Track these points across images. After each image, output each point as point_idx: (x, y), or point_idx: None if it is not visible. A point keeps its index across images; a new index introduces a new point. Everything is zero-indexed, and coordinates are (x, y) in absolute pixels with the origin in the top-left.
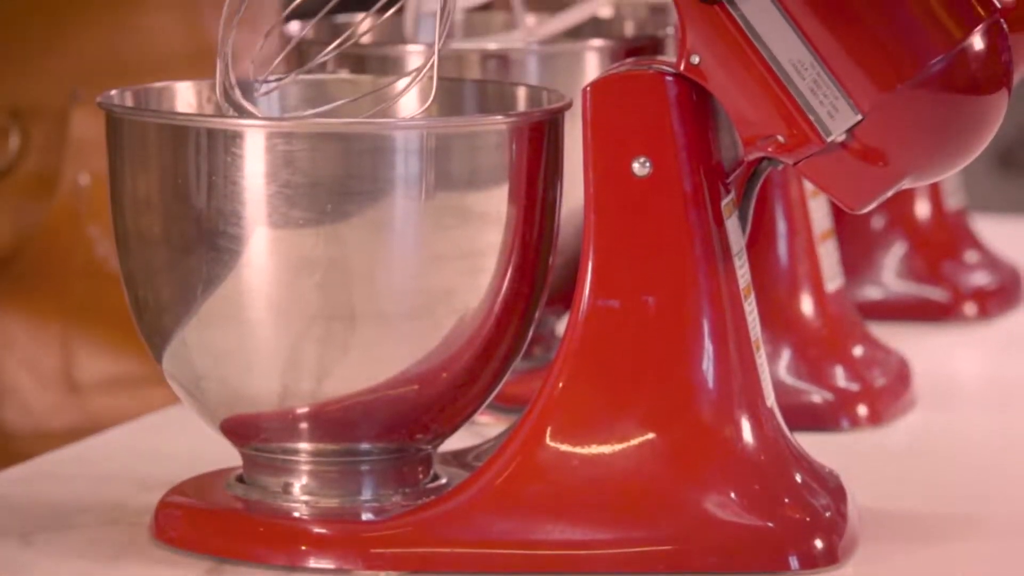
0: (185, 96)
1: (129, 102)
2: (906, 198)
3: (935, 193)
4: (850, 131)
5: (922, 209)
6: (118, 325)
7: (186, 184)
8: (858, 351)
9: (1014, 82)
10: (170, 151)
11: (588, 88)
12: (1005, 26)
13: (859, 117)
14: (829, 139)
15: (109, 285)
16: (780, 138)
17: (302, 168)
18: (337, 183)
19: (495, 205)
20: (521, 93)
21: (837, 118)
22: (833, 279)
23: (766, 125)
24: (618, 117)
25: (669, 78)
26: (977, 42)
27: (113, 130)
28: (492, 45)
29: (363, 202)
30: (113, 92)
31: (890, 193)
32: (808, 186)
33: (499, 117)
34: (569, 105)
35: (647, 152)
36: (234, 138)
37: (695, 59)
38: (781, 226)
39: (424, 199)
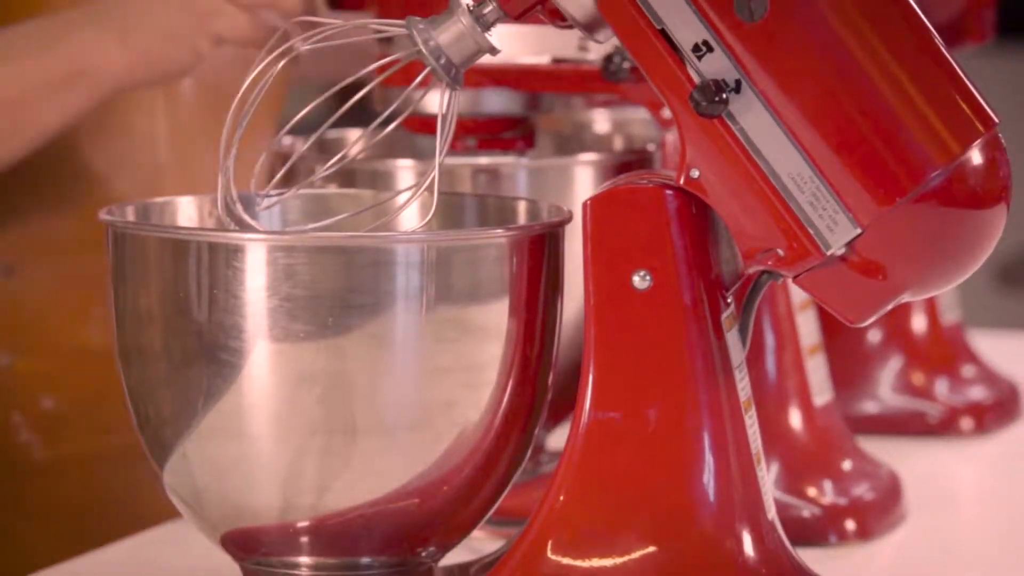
0: (186, 211)
1: (131, 217)
2: (902, 312)
3: (931, 308)
4: (850, 244)
5: (919, 323)
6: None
7: (187, 298)
8: (847, 465)
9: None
10: (171, 265)
11: (588, 202)
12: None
13: (859, 231)
14: (829, 252)
15: (35, 476)
16: (780, 251)
17: (303, 281)
18: (338, 296)
19: (496, 318)
20: (521, 207)
21: (837, 232)
22: (822, 393)
23: (766, 239)
24: (618, 231)
25: (669, 192)
26: (976, 156)
27: (115, 245)
28: (483, 159)
29: (364, 315)
30: (114, 207)
31: (890, 306)
32: (796, 300)
33: (500, 231)
34: (569, 219)
35: (647, 265)
36: (235, 252)
37: (695, 173)
38: (769, 339)
39: (425, 312)
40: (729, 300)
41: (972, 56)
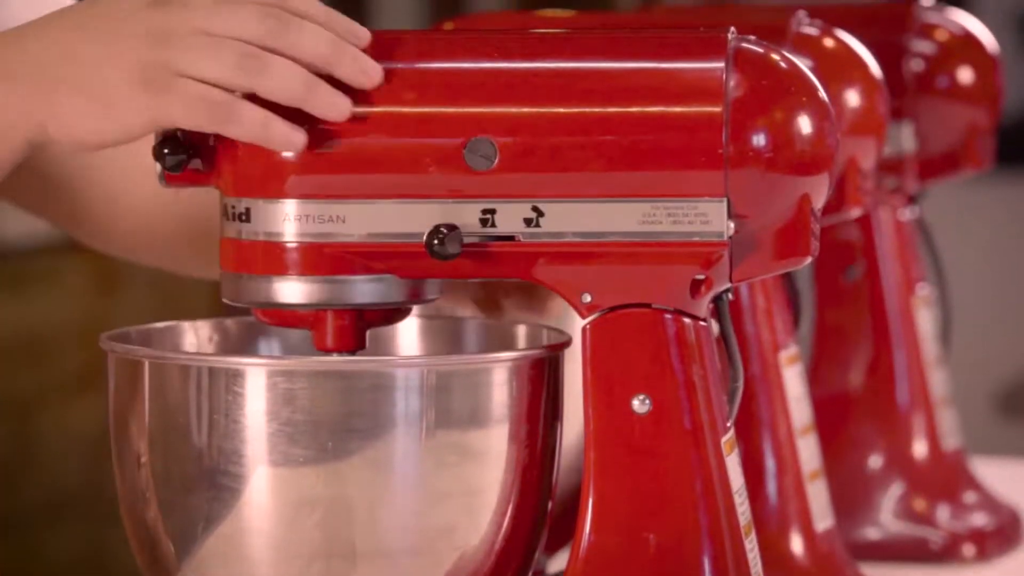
0: (186, 335)
1: (132, 342)
2: (903, 438)
3: (932, 434)
4: (732, 217)
5: (920, 449)
6: None
7: (187, 423)
8: None
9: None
10: (171, 390)
11: (587, 326)
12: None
13: (725, 200)
14: (728, 237)
15: None
16: (698, 276)
17: (303, 406)
18: (338, 421)
19: (496, 442)
20: (521, 331)
21: (712, 218)
22: (823, 519)
23: (677, 283)
24: (617, 355)
25: (667, 316)
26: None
27: (116, 371)
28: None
29: (364, 439)
30: (115, 332)
31: (813, 222)
32: (797, 424)
33: (500, 355)
34: (569, 343)
35: (647, 390)
36: (236, 376)
37: (587, 297)
38: (770, 464)
39: (425, 437)
40: (729, 424)
41: (971, 183)
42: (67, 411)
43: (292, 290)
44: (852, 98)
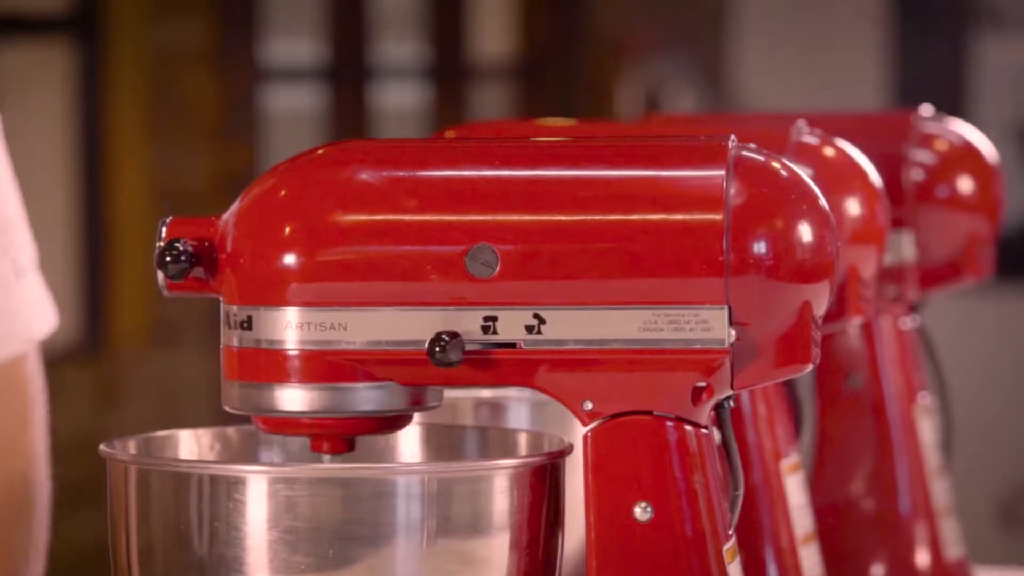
0: (187, 443)
1: (132, 450)
2: (906, 546)
3: (935, 543)
4: (732, 325)
5: (922, 558)
6: None
7: (188, 531)
8: None
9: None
10: (172, 498)
11: (589, 433)
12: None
13: (726, 308)
14: (728, 344)
15: None
16: (699, 383)
17: (304, 514)
18: (339, 528)
19: (497, 550)
20: (522, 439)
21: (713, 325)
22: None
23: (679, 389)
24: (619, 462)
25: (669, 423)
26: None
27: (115, 479)
28: (486, 393)
29: (364, 547)
30: (115, 440)
31: (814, 331)
32: (798, 532)
33: (501, 462)
34: (570, 450)
35: (648, 497)
36: (236, 484)
37: (588, 405)
38: (772, 573)
39: (425, 544)
40: (731, 533)
41: (972, 293)
42: (70, 523)
43: (293, 398)
44: (853, 207)
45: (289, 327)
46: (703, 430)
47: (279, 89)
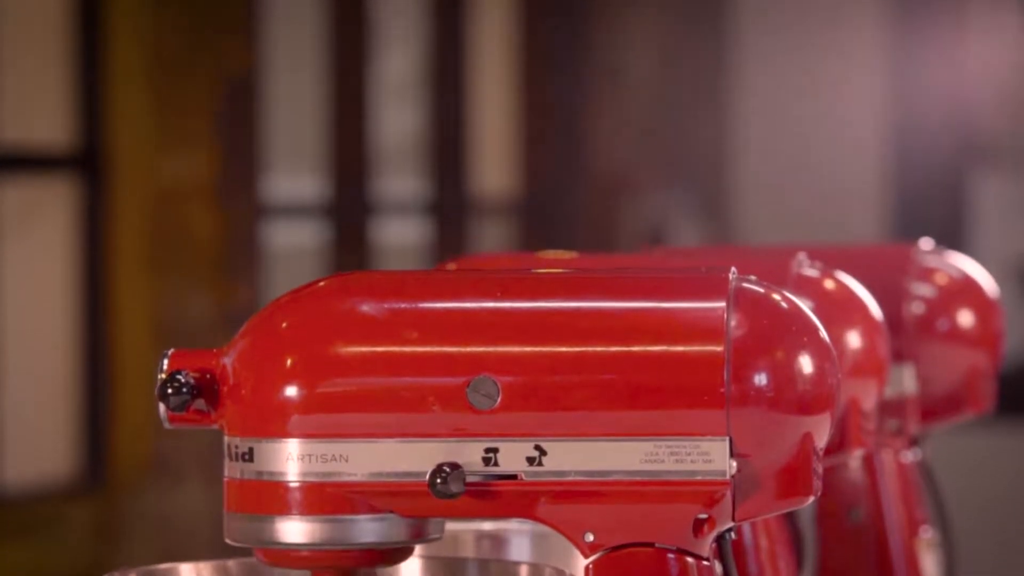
0: None
1: None
2: None
3: None
4: (734, 456)
5: None
6: None
7: None
8: None
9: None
10: None
11: (590, 565)
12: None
13: (728, 439)
14: (729, 476)
15: None
16: (700, 515)
17: None
18: None
19: None
20: (524, 571)
21: (715, 456)
22: None
23: (679, 521)
24: None
25: (671, 555)
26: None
27: None
28: (487, 525)
29: None
30: (115, 572)
31: (815, 460)
32: None
33: None
34: None
35: None
36: None
37: (589, 536)
38: None
39: None
40: None
41: (974, 428)
42: None
43: (294, 530)
44: (853, 339)
45: (290, 459)
46: (704, 562)
47: (280, 225)
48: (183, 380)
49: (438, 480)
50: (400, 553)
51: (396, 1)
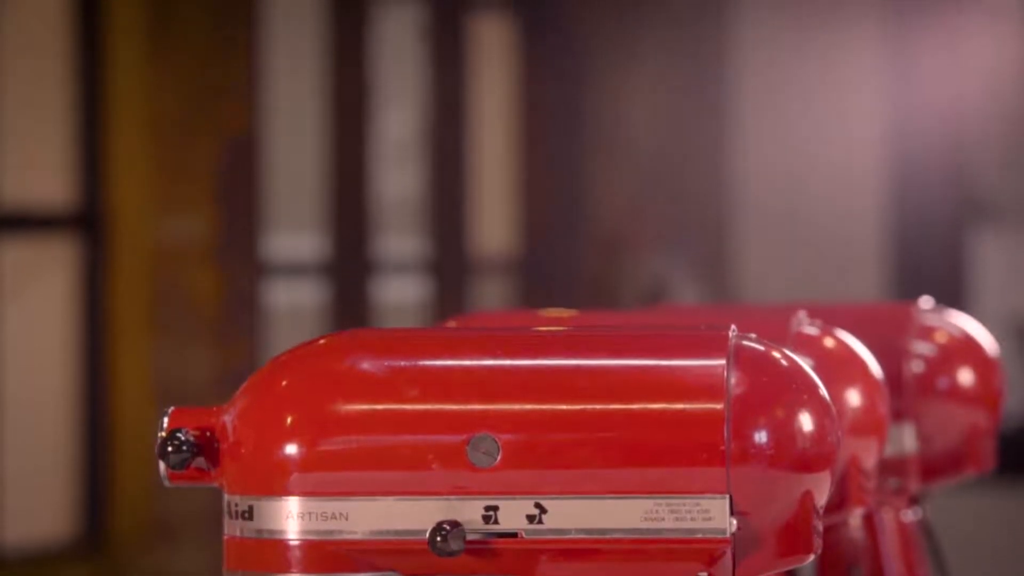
0: None
1: None
2: None
3: None
4: (734, 514)
5: None
6: None
7: None
8: None
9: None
10: None
11: None
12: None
13: (728, 497)
14: (730, 534)
15: None
16: (703, 574)
17: None
18: None
19: None
20: None
21: (714, 515)
22: None
23: None
24: None
25: None
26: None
27: None
28: None
29: None
30: None
31: (816, 519)
32: None
33: None
34: None
35: None
36: None
37: None
38: None
39: None
40: None
41: (975, 487)
42: None
43: None
44: (853, 398)
45: (290, 517)
46: None
47: (280, 284)
48: (183, 438)
49: (438, 538)
50: None
51: (396, 61)
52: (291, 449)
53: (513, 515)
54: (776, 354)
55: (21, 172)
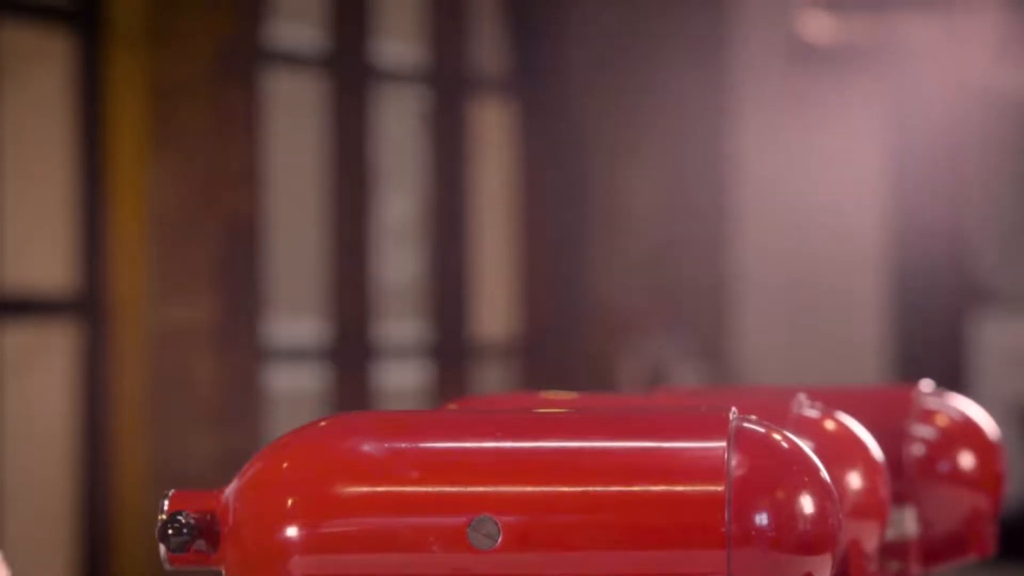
0: None
1: None
2: None
3: None
4: None
5: None
6: None
7: None
8: None
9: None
10: None
11: None
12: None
13: None
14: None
15: None
16: None
17: None
18: None
19: None
20: None
21: None
22: None
23: None
24: None
25: None
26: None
27: None
28: None
29: None
30: None
31: None
32: None
33: None
34: None
35: None
36: None
37: None
38: None
39: None
40: None
41: (974, 570)
42: None
43: None
44: (854, 480)
45: None
46: None
47: (281, 368)
48: (183, 521)
49: None
50: None
51: (396, 145)
52: (291, 532)
53: None
54: (777, 436)
55: (23, 257)
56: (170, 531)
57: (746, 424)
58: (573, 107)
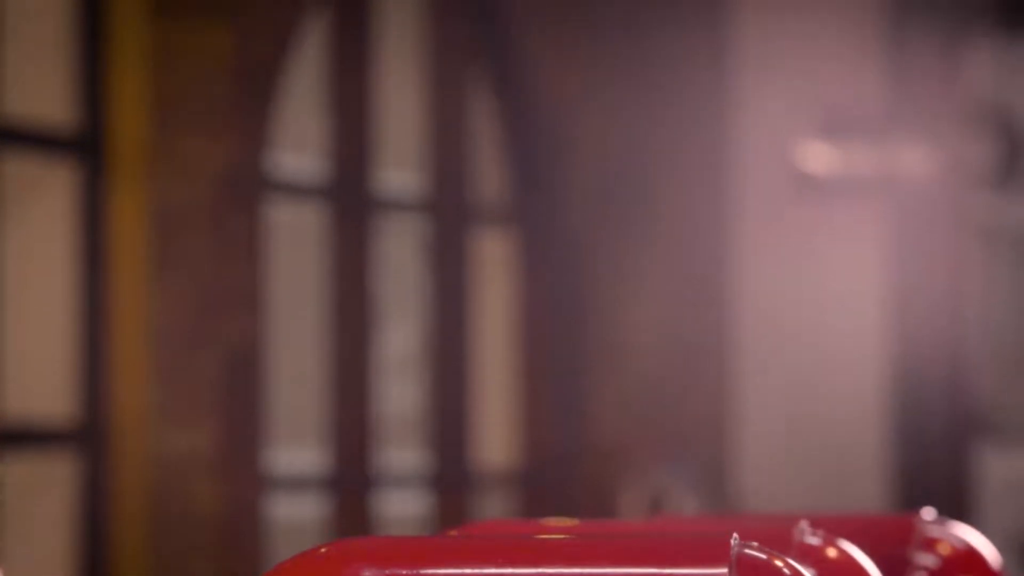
0: None
1: None
2: None
3: None
4: None
5: None
6: None
7: None
8: None
9: None
10: None
11: None
12: None
13: None
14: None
15: None
16: None
17: None
18: None
19: None
20: None
21: None
22: None
23: None
24: None
25: None
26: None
27: None
28: None
29: None
30: None
31: None
32: None
33: None
34: None
35: None
36: None
37: None
38: None
39: None
40: None
41: None
42: None
43: None
44: None
45: None
46: None
47: (282, 497)
48: None
49: None
50: None
51: (398, 274)
52: None
53: None
54: (779, 563)
55: (22, 387)
56: None
57: (748, 550)
58: (573, 237)
